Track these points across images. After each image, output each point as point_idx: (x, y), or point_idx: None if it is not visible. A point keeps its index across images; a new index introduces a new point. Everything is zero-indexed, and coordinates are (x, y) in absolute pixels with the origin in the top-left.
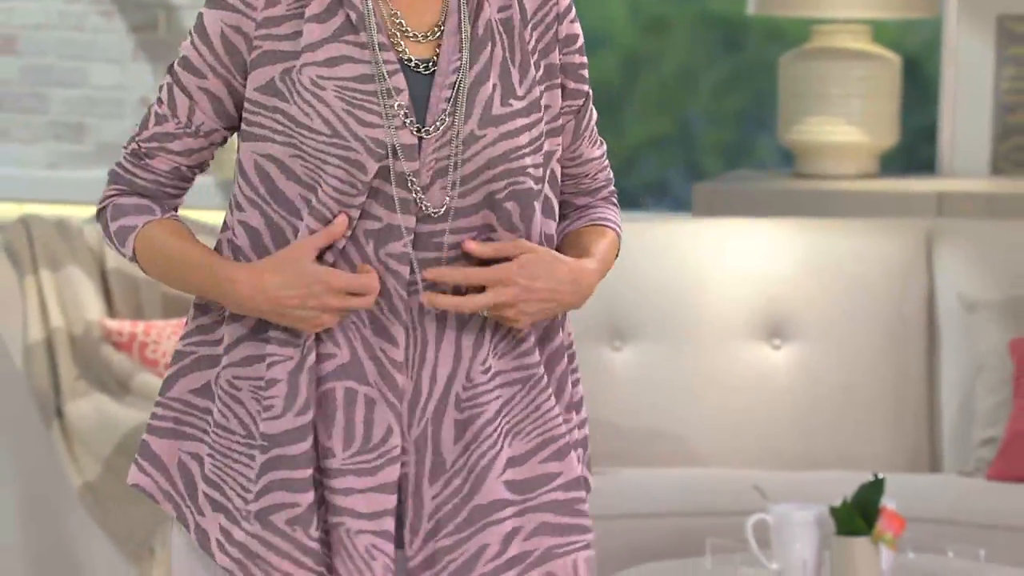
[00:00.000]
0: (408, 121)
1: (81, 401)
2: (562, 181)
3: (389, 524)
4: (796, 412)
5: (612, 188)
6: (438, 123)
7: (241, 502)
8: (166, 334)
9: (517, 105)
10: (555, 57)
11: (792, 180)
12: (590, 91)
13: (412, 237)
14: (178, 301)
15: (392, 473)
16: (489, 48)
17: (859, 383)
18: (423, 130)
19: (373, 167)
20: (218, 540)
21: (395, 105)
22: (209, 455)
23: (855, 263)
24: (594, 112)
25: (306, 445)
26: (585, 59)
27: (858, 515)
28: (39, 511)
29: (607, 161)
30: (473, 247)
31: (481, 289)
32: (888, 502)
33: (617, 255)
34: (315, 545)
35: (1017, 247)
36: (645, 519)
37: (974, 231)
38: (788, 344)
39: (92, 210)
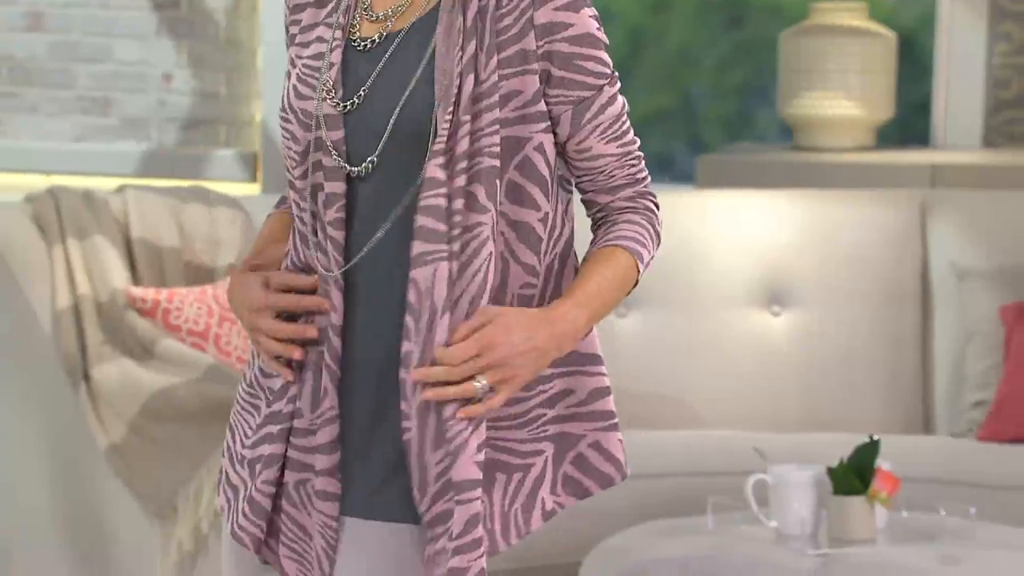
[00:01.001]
0: (332, 93)
1: (107, 365)
2: (579, 177)
3: (333, 484)
4: (795, 376)
5: (641, 188)
6: (355, 97)
7: (240, 446)
8: (188, 301)
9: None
10: (529, 43)
11: (791, 152)
12: (606, 86)
13: (344, 202)
14: (200, 270)
15: (331, 433)
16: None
17: (855, 348)
18: (343, 104)
19: (303, 137)
20: (219, 479)
21: (325, 79)
22: (235, 402)
23: (852, 233)
24: (612, 108)
25: (285, 403)
26: (588, 51)
27: (854, 475)
28: (67, 470)
29: (635, 160)
30: (449, 340)
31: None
32: (883, 463)
33: (640, 272)
34: (261, 498)
35: (1008, 217)
36: (649, 479)
37: (966, 201)
38: (787, 311)
39: (117, 182)
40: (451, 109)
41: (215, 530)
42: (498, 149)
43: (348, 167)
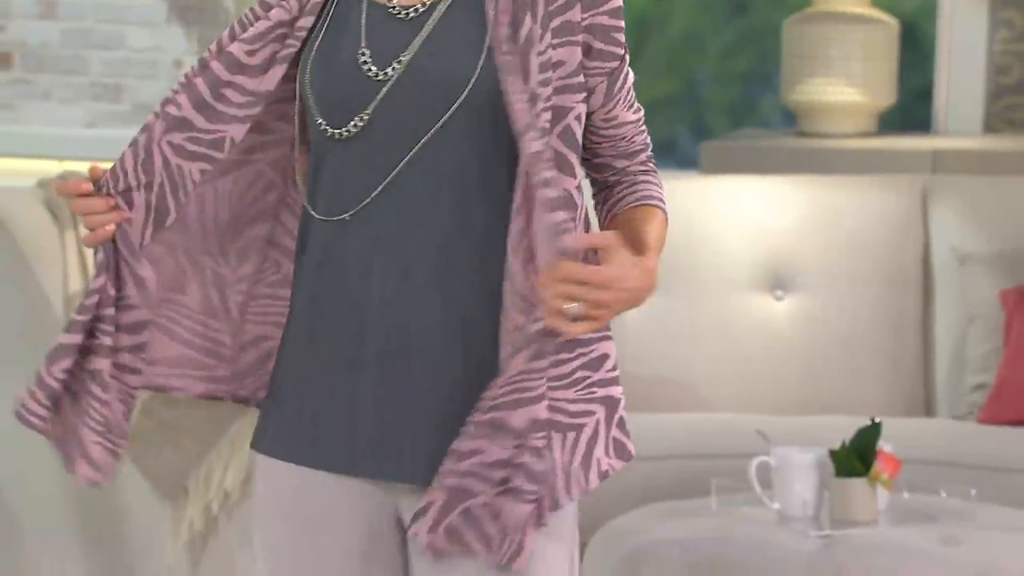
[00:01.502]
0: (363, 61)
1: None
2: (599, 143)
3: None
4: (797, 360)
5: (649, 153)
6: (395, 64)
7: None
8: None
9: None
10: (575, 15)
11: (795, 139)
12: (626, 55)
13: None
14: None
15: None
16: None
17: (857, 332)
18: (379, 72)
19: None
20: None
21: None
22: None
23: (854, 218)
24: (630, 76)
25: None
26: (619, 23)
27: (856, 457)
28: None
29: (644, 126)
30: (570, 242)
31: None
32: (884, 445)
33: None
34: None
35: (1008, 202)
36: (654, 461)
37: (967, 187)
38: (790, 295)
39: None
40: (524, 81)
41: (225, 511)
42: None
43: (333, 130)
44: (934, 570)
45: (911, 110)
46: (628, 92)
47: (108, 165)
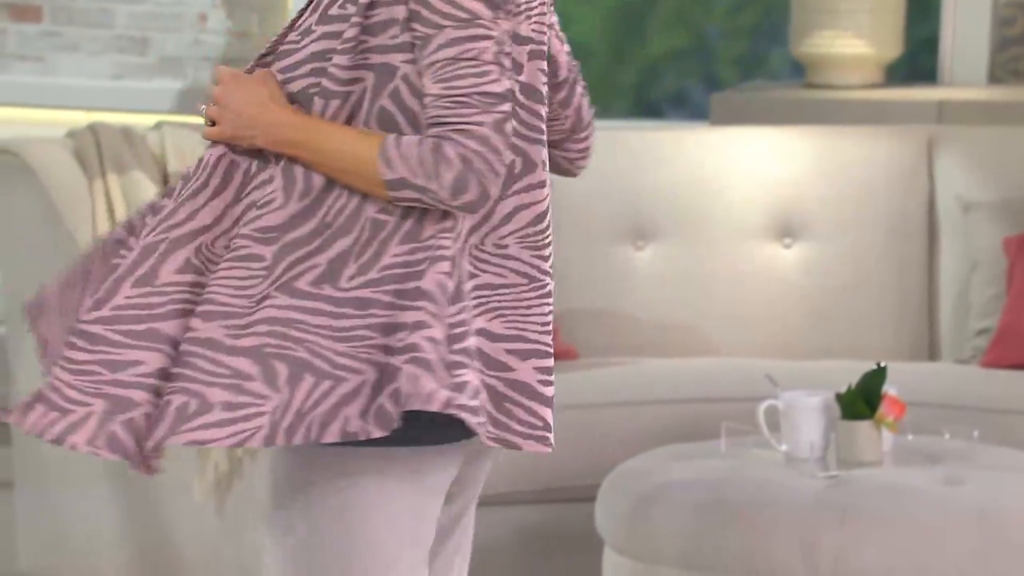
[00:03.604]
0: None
1: None
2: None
3: None
4: (805, 306)
5: (445, 131)
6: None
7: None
8: None
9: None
10: None
11: (803, 90)
12: (446, 27)
13: None
14: None
15: None
16: None
17: (863, 279)
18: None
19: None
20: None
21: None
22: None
23: (861, 167)
24: (448, 50)
25: None
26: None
27: (862, 401)
28: None
29: (450, 108)
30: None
31: None
32: (890, 388)
33: (380, 174)
34: None
35: (1012, 152)
36: (665, 405)
37: (972, 137)
38: (798, 243)
39: (154, 118)
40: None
41: (249, 453)
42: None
43: None
44: (937, 509)
45: (917, 61)
46: (438, 65)
47: (135, 117)
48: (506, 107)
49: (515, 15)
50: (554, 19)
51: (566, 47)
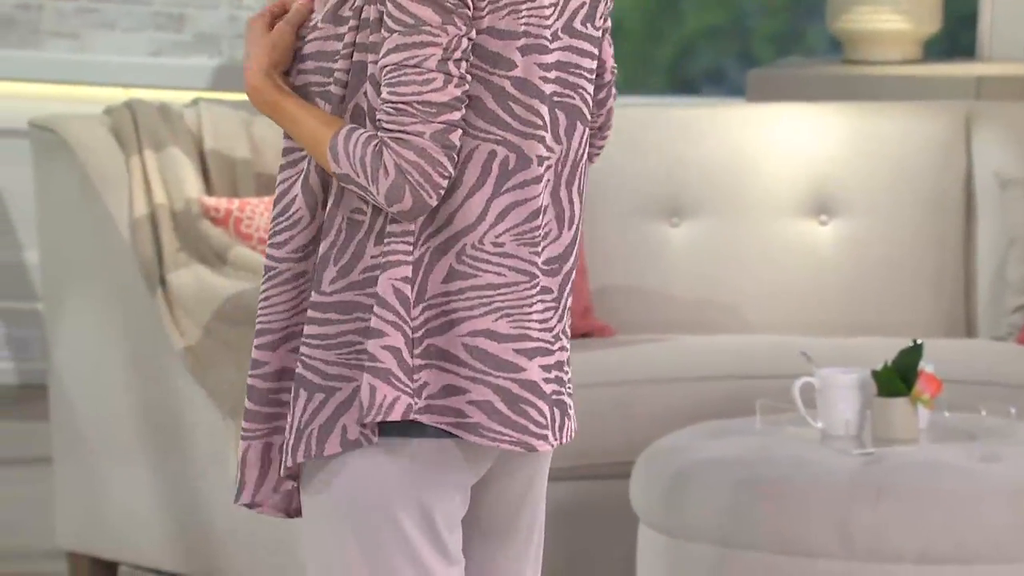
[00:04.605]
0: None
1: (182, 271)
2: None
3: None
4: (841, 283)
5: (383, 135)
6: None
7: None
8: (259, 210)
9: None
10: None
11: (840, 66)
12: (394, 33)
13: None
14: (270, 180)
15: None
16: None
17: (900, 255)
18: None
19: None
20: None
21: None
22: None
23: (898, 144)
24: (391, 57)
25: None
26: (402, 2)
27: (898, 378)
28: (146, 371)
29: (389, 109)
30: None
31: None
32: (926, 365)
33: (329, 158)
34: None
35: None
36: (701, 382)
37: (1010, 113)
38: (834, 220)
39: (191, 95)
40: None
41: None
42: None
43: None
44: (973, 486)
45: (955, 37)
46: (387, 70)
47: (171, 93)
48: (449, 116)
49: (477, 17)
50: (608, 24)
51: (611, 50)
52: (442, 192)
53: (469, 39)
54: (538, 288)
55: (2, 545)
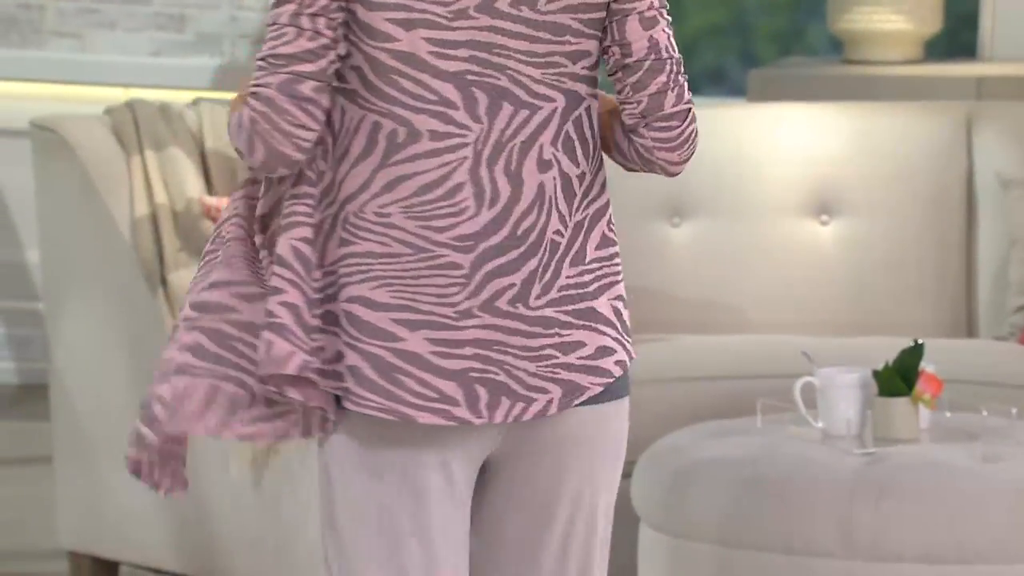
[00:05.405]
0: None
1: (183, 271)
2: None
3: None
4: (842, 283)
5: None
6: None
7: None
8: None
9: None
10: None
11: (841, 66)
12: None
13: None
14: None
15: None
16: None
17: (901, 256)
18: None
19: None
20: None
21: None
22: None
23: (899, 144)
24: (265, 19)
25: None
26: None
27: (899, 377)
28: (147, 370)
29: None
30: None
31: None
32: (927, 365)
33: None
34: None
35: None
36: (702, 381)
37: (1012, 113)
38: (835, 220)
39: (192, 95)
40: None
41: None
42: None
43: None
44: (975, 486)
45: (956, 37)
46: None
47: (172, 93)
48: (298, 67)
49: None
50: (642, 4)
51: (655, 34)
52: (303, 144)
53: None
54: (436, 263)
55: (3, 545)
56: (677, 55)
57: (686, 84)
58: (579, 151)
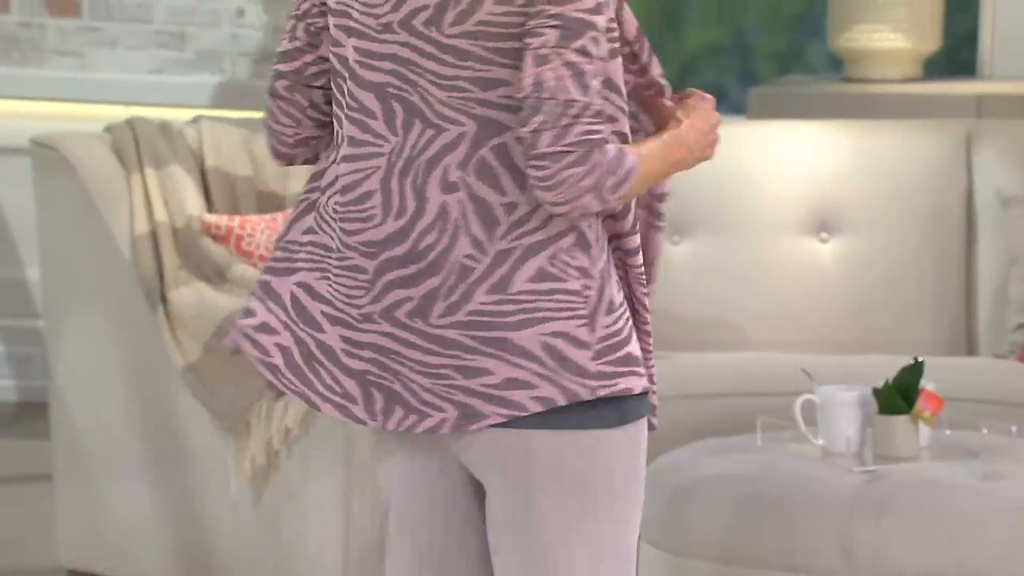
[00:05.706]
0: None
1: (183, 288)
2: None
3: None
4: (842, 300)
5: None
6: None
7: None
8: (260, 228)
9: None
10: None
11: (840, 84)
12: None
13: None
14: (271, 198)
15: None
16: None
17: (901, 273)
18: None
19: None
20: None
21: None
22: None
23: (899, 162)
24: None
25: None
26: None
27: (899, 395)
28: (146, 387)
29: None
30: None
31: None
32: (927, 383)
33: None
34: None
35: None
36: (702, 399)
37: (1011, 131)
38: (835, 237)
39: (192, 113)
40: None
41: (286, 447)
42: None
43: None
44: (975, 504)
45: (956, 55)
46: None
47: (173, 111)
48: (279, 66)
49: None
50: (536, 41)
51: (543, 73)
52: (284, 138)
53: (312, 3)
54: (344, 264)
55: (3, 563)
56: (571, 97)
57: (577, 128)
58: (504, 180)
